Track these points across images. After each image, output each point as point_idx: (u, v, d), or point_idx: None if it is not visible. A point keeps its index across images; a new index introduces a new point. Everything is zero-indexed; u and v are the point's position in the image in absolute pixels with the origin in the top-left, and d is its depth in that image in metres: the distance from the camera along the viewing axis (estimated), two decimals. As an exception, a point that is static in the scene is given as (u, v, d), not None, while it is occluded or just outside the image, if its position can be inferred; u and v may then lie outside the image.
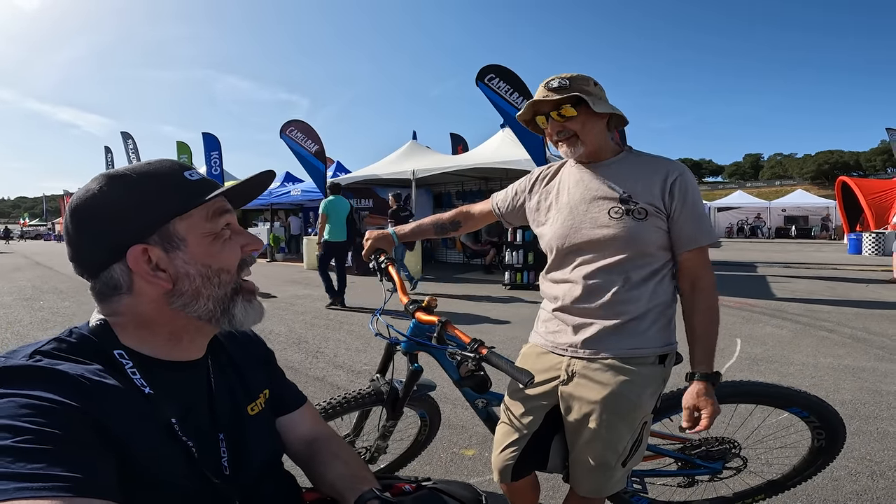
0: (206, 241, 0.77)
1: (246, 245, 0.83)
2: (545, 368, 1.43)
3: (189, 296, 0.76)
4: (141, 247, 0.72)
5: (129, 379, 0.71)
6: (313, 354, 4.50)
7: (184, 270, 0.75)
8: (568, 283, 1.41)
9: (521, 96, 8.15)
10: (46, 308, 6.78)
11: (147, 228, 0.73)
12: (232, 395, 0.87)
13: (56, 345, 0.70)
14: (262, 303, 0.87)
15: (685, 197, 1.33)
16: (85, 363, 0.68)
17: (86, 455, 0.58)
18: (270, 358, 1.06)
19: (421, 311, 1.43)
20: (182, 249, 0.75)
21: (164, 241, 0.74)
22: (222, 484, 0.77)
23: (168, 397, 0.74)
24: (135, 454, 0.65)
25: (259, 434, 0.89)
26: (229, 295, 0.79)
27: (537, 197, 1.54)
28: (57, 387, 0.61)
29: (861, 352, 4.49)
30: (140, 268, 0.73)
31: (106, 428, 0.62)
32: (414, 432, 2.07)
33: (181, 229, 0.75)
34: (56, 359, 0.67)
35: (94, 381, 0.65)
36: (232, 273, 0.80)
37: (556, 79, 1.36)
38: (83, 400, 0.62)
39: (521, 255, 8.68)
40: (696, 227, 1.33)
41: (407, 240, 1.79)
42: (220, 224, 0.79)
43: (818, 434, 1.71)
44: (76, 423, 0.59)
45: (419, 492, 0.95)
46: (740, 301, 7.09)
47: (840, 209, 19.98)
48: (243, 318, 0.81)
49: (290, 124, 12.41)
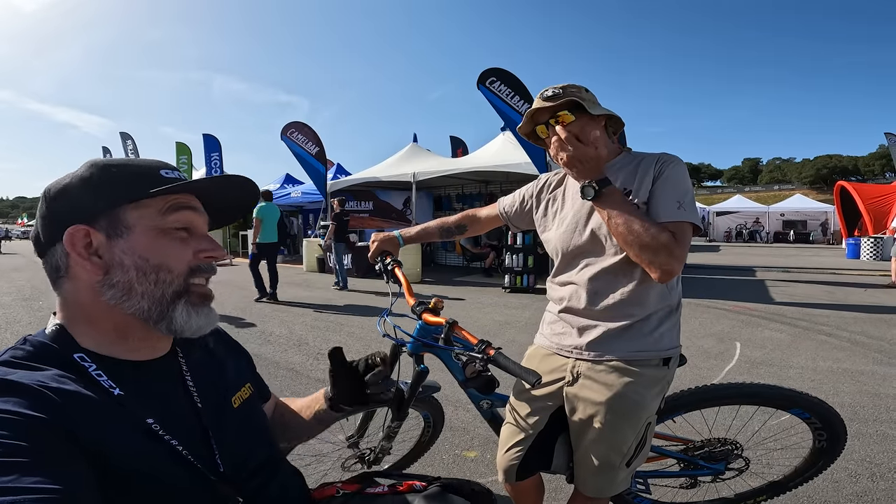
0: (152, 235, 0.74)
1: (202, 251, 0.78)
2: (550, 370, 1.44)
3: (121, 288, 0.72)
4: (83, 228, 0.71)
5: (95, 382, 0.68)
6: (314, 356, 4.51)
7: (119, 259, 0.72)
8: (573, 286, 1.43)
9: (523, 99, 8.18)
10: (46, 308, 6.76)
11: (93, 211, 0.72)
12: (214, 390, 0.85)
13: (12, 353, 0.68)
14: (215, 311, 0.83)
15: (661, 176, 1.31)
16: (42, 369, 0.66)
17: (56, 465, 0.56)
18: (248, 357, 1.05)
19: (428, 312, 1.44)
20: (124, 238, 0.73)
21: (111, 227, 0.72)
22: (219, 482, 0.75)
23: (140, 397, 0.71)
24: (114, 458, 0.63)
25: (248, 426, 0.87)
26: (168, 297, 0.75)
27: (544, 203, 1.57)
28: (16, 398, 0.59)
29: (860, 355, 4.51)
30: (74, 249, 0.71)
31: (75, 435, 0.60)
32: (417, 434, 2.08)
33: (131, 218, 0.73)
34: (13, 368, 0.65)
35: (54, 387, 0.63)
36: (174, 274, 0.75)
37: (549, 89, 1.39)
38: (45, 409, 0.59)
39: (520, 259, 8.69)
40: (664, 201, 1.28)
41: (412, 242, 1.81)
42: (175, 222, 0.76)
43: (819, 435, 1.72)
44: (42, 434, 0.57)
45: (429, 489, 0.96)
46: (739, 305, 7.11)
47: (838, 214, 20.06)
48: (184, 323, 0.76)
49: (290, 126, 12.44)
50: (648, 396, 1.34)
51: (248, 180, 0.85)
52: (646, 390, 1.33)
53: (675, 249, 1.22)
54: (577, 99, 1.34)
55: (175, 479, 0.69)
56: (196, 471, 0.72)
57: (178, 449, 0.71)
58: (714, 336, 5.19)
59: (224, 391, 0.87)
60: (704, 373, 3.95)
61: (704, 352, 4.54)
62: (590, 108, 1.34)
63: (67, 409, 0.61)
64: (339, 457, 1.92)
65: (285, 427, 1.12)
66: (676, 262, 1.23)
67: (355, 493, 0.97)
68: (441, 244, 13.93)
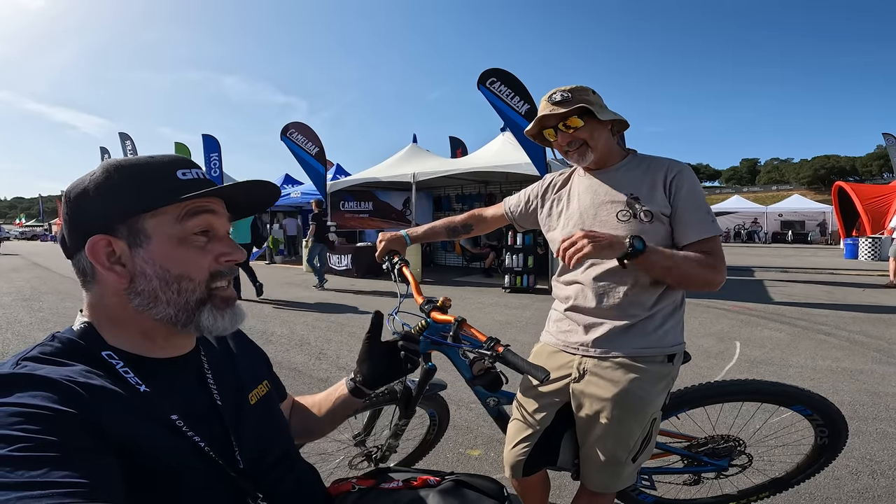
0: (170, 244, 0.74)
1: (222, 255, 0.78)
2: (557, 367, 1.46)
3: (147, 296, 0.73)
4: (105, 238, 0.71)
5: (122, 378, 0.70)
6: (316, 356, 4.52)
7: (141, 269, 0.72)
8: (579, 285, 1.45)
9: (523, 100, 8.20)
10: (46, 308, 6.77)
11: (112, 220, 0.72)
12: (232, 387, 0.86)
13: (41, 349, 0.69)
14: (243, 308, 0.84)
15: (681, 192, 1.37)
16: (70, 365, 0.67)
17: (84, 459, 0.57)
18: (266, 357, 1.07)
19: (436, 310, 1.46)
20: (144, 247, 0.72)
21: (131, 236, 0.72)
22: (239, 478, 0.76)
23: (165, 394, 0.73)
24: (141, 453, 0.64)
25: (265, 423, 0.89)
26: (192, 304, 0.76)
27: (549, 203, 1.60)
28: (46, 392, 0.60)
29: (859, 354, 4.53)
30: (97, 259, 0.72)
31: (102, 430, 0.61)
32: (423, 432, 2.09)
33: (149, 226, 0.73)
34: (41, 363, 0.66)
35: (81, 382, 0.64)
36: (196, 282, 0.75)
37: (557, 92, 1.41)
38: (74, 403, 0.60)
39: (520, 259, 8.70)
40: (693, 220, 1.35)
41: (419, 241, 1.83)
42: (193, 227, 0.75)
43: (821, 432, 1.74)
44: (71, 428, 0.58)
45: (443, 484, 0.98)
46: (738, 305, 7.13)
47: (836, 214, 20.09)
48: (211, 325, 0.77)
49: (290, 126, 12.44)
50: (654, 392, 1.36)
51: (274, 185, 0.86)
52: (651, 386, 1.36)
53: (718, 264, 1.34)
54: (586, 104, 1.36)
55: (198, 475, 0.71)
56: (217, 466, 0.74)
57: (200, 445, 0.72)
58: (714, 335, 5.21)
59: (241, 388, 0.88)
60: (705, 372, 3.97)
61: (705, 351, 4.56)
62: (598, 114, 1.36)
63: (95, 404, 0.62)
64: (346, 455, 1.93)
65: (300, 424, 1.13)
66: (722, 274, 1.34)
67: (371, 489, 0.98)
68: (441, 245, 13.93)
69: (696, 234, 1.35)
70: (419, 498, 0.95)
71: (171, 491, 0.67)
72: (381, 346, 1.13)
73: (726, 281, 1.38)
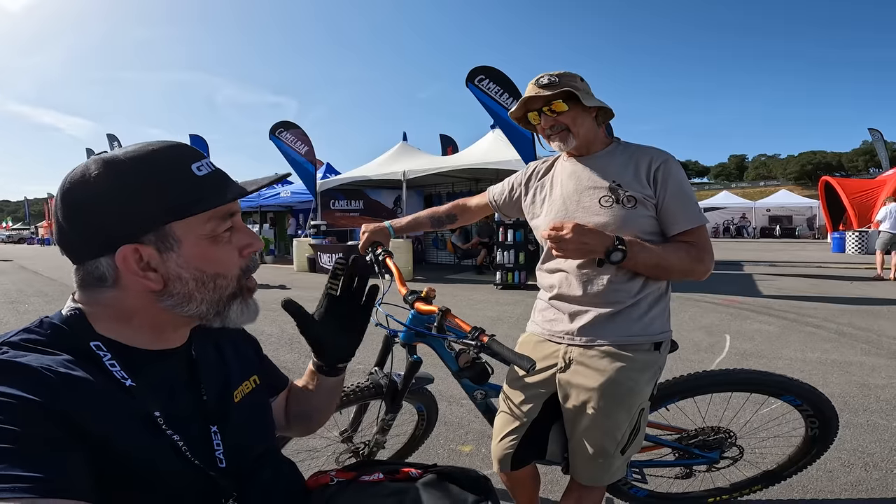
0: (203, 244, 0.72)
1: (245, 247, 0.78)
2: (543, 357, 1.44)
3: (180, 297, 0.71)
4: (132, 246, 0.67)
5: (107, 371, 0.67)
6: (306, 354, 4.44)
7: (176, 273, 0.70)
8: (562, 273, 1.43)
9: (511, 97, 8.19)
10: (32, 311, 6.66)
11: (138, 227, 0.68)
12: (218, 385, 0.83)
13: (25, 335, 0.66)
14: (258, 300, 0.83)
15: (667, 183, 1.36)
16: (53, 354, 0.64)
17: (51, 453, 0.54)
18: (256, 344, 1.04)
19: (420, 301, 1.43)
20: (175, 251, 0.70)
21: (159, 241, 0.69)
22: (219, 476, 0.74)
23: (151, 389, 0.70)
24: (116, 450, 0.62)
25: (249, 421, 0.86)
26: (225, 299, 0.75)
27: (533, 190, 1.58)
28: (18, 380, 0.57)
29: (847, 346, 4.56)
30: (129, 267, 0.68)
31: (75, 422, 0.58)
32: (411, 427, 2.07)
33: (178, 230, 0.70)
34: (23, 350, 0.63)
35: (60, 373, 0.61)
36: (229, 278, 0.75)
37: (545, 76, 1.40)
38: (47, 393, 0.58)
39: (512, 255, 8.69)
40: (680, 211, 1.35)
41: (403, 233, 1.80)
42: (223, 226, 0.74)
43: (811, 423, 1.73)
44: (39, 419, 0.55)
45: (425, 477, 0.95)
46: (728, 299, 7.17)
47: (823, 209, 20.37)
48: (237, 318, 0.77)
49: (279, 126, 12.37)
50: (641, 381, 1.34)
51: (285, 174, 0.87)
52: (638, 375, 1.34)
53: (704, 254, 1.34)
54: (572, 89, 1.34)
55: (174, 473, 0.69)
56: (194, 467, 0.71)
57: (178, 444, 0.70)
58: (704, 329, 5.22)
59: (229, 384, 0.86)
60: (695, 365, 3.96)
61: (695, 344, 4.56)
62: (584, 100, 1.35)
63: (69, 394, 0.60)
64: (334, 452, 1.90)
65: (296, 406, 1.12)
66: (710, 263, 1.35)
67: (350, 482, 0.96)
68: (432, 242, 13.92)
69: (683, 225, 1.35)
70: (400, 490, 0.92)
71: (147, 489, 0.65)
72: (317, 325, 1.06)
73: (716, 275, 1.37)
